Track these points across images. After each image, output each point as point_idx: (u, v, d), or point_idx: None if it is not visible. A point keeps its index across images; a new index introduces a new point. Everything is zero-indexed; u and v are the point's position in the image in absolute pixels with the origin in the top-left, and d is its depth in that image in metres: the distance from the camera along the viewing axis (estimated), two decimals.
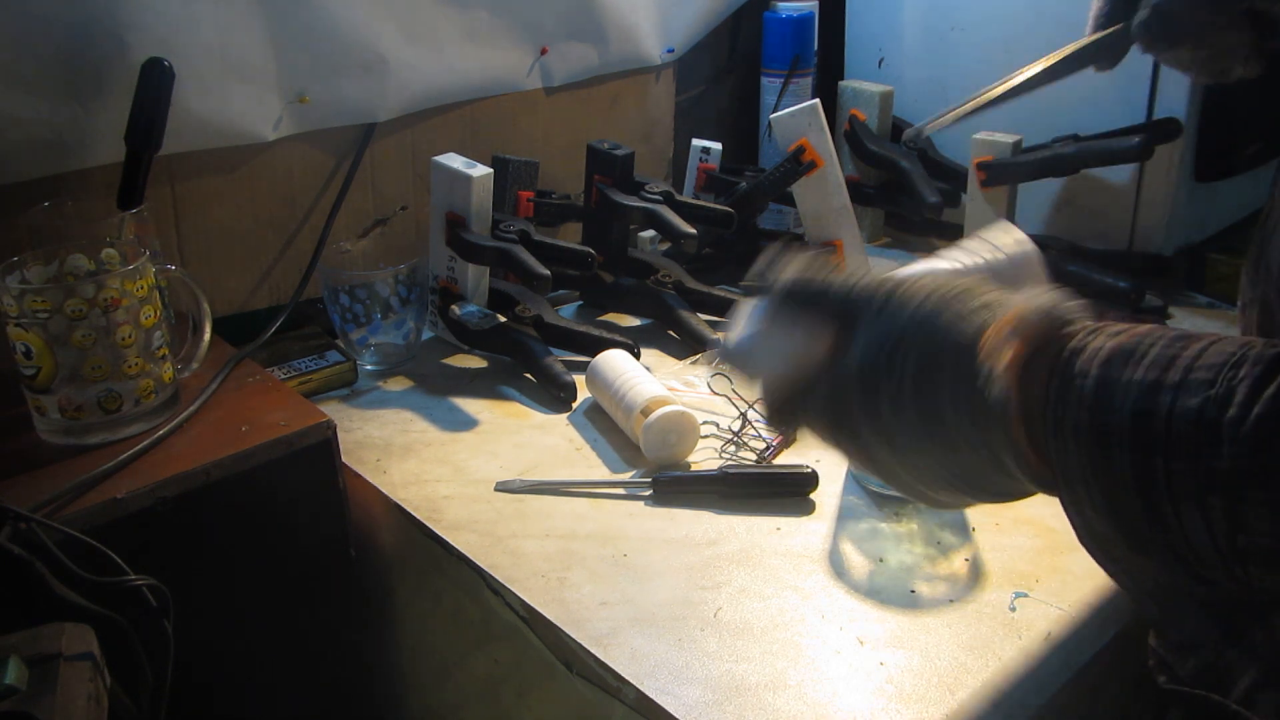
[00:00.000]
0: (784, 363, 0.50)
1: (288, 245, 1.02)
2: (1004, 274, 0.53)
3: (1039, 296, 0.41)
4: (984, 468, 0.43)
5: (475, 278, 1.00)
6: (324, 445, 0.77)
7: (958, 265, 0.54)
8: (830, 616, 0.65)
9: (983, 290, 0.43)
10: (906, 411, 0.43)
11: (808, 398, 0.48)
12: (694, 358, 1.00)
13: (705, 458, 0.84)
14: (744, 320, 0.53)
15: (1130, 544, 0.39)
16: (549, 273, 0.91)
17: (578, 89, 1.21)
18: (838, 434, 0.47)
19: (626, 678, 0.60)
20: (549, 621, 0.65)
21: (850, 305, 0.46)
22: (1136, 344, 0.37)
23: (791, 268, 0.50)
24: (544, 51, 1.15)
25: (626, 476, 0.81)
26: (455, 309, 0.99)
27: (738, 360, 0.52)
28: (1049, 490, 0.43)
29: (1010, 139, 1.06)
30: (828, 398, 0.46)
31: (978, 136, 1.08)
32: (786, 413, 0.50)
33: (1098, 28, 0.59)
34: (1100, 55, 0.59)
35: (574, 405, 0.92)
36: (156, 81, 0.80)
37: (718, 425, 0.87)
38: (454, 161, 0.96)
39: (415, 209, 1.10)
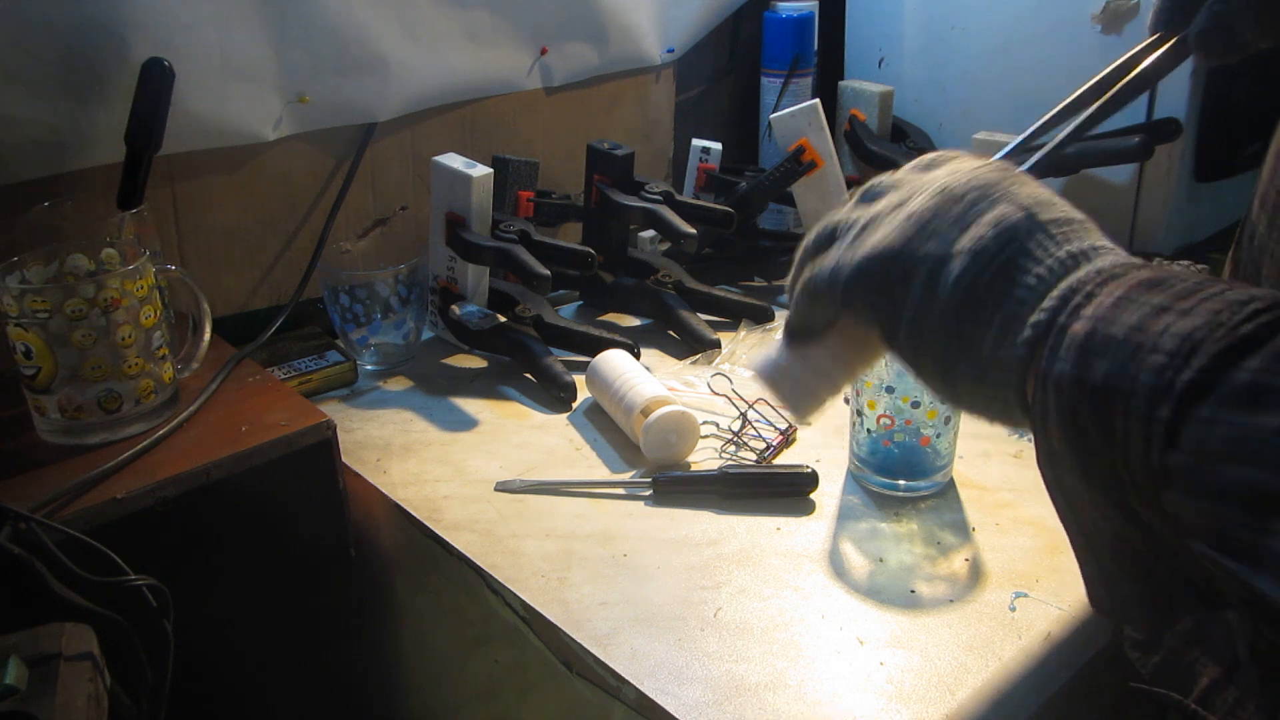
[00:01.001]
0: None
1: (288, 245, 1.02)
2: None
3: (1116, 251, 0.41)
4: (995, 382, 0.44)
5: (475, 278, 1.00)
6: (324, 445, 0.77)
7: None
8: (830, 616, 0.65)
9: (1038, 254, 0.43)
10: (939, 318, 0.43)
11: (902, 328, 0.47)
12: (694, 358, 1.00)
13: (705, 458, 0.84)
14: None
15: (1076, 460, 0.39)
16: (549, 273, 0.91)
17: (578, 89, 1.21)
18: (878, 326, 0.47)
19: (626, 678, 0.60)
20: (549, 621, 0.65)
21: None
22: (1168, 275, 0.38)
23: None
24: (544, 51, 1.15)
25: (626, 476, 0.81)
26: (455, 309, 0.99)
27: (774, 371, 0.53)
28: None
29: (1010, 139, 1.06)
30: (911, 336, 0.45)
31: (978, 137, 1.08)
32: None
33: (1154, 29, 0.58)
34: (1162, 67, 0.59)
35: (574, 405, 0.92)
36: (156, 81, 0.80)
37: (718, 425, 0.87)
38: (454, 161, 0.96)
39: (415, 209, 1.10)
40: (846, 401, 0.86)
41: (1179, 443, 0.34)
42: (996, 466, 0.81)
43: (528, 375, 0.97)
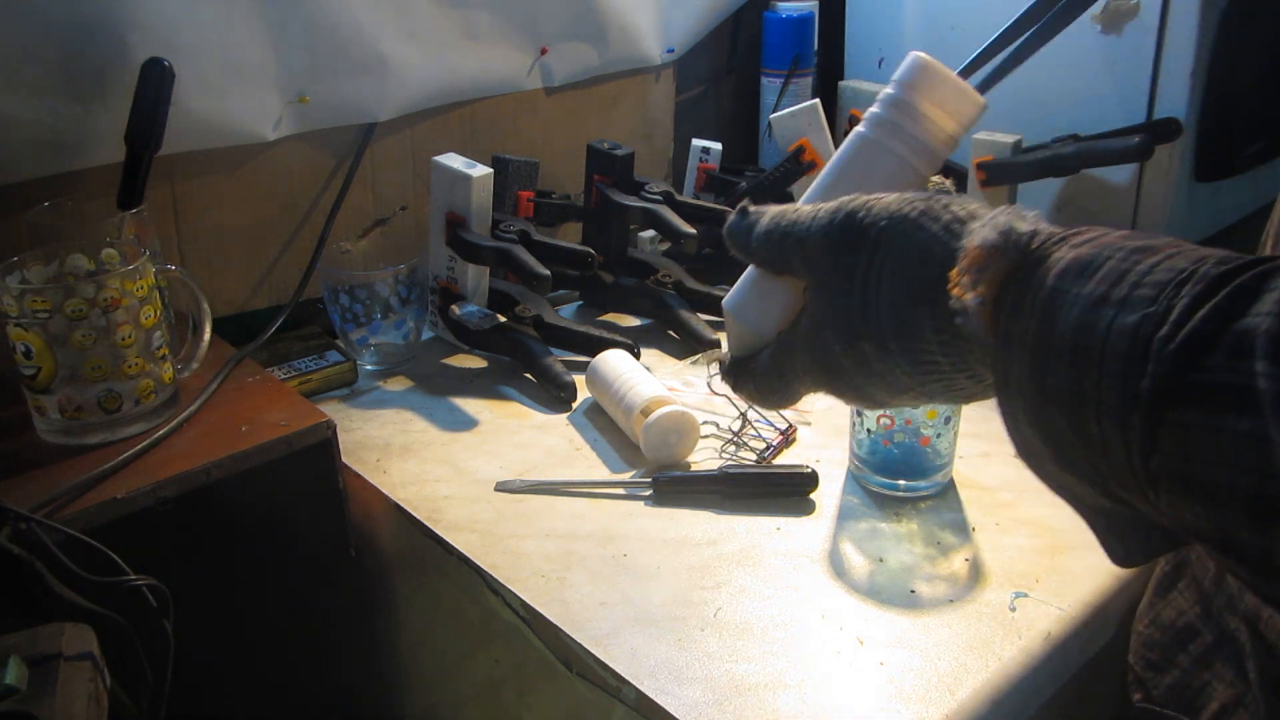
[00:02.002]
0: (780, 312, 0.49)
1: (288, 245, 1.02)
2: (901, 101, 0.51)
3: (995, 221, 0.39)
4: (982, 391, 0.43)
5: (475, 278, 1.00)
6: (324, 445, 0.77)
7: (873, 116, 0.52)
8: (830, 616, 0.65)
9: (939, 212, 0.41)
10: (896, 358, 0.42)
11: (791, 358, 0.47)
12: (694, 358, 1.00)
13: (705, 458, 0.84)
14: (741, 279, 0.51)
15: (1059, 460, 0.38)
16: (549, 273, 0.91)
17: (578, 89, 1.21)
18: (834, 385, 0.46)
19: (626, 678, 0.60)
20: (549, 621, 0.65)
21: (809, 250, 0.45)
22: (1095, 255, 0.36)
23: (766, 214, 0.48)
24: (544, 51, 1.15)
25: (626, 476, 0.81)
26: (455, 309, 0.99)
27: (731, 318, 0.50)
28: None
29: (1010, 139, 1.06)
30: (809, 353, 0.45)
31: (978, 136, 1.08)
32: (769, 375, 0.48)
33: None
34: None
35: (574, 405, 0.92)
36: (156, 81, 0.80)
37: (718, 425, 0.87)
38: (454, 161, 0.96)
39: (415, 209, 1.10)
40: None
41: (1160, 448, 0.33)
42: (996, 466, 0.81)
43: (528, 375, 0.97)
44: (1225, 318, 0.32)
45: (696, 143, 1.21)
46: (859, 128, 0.51)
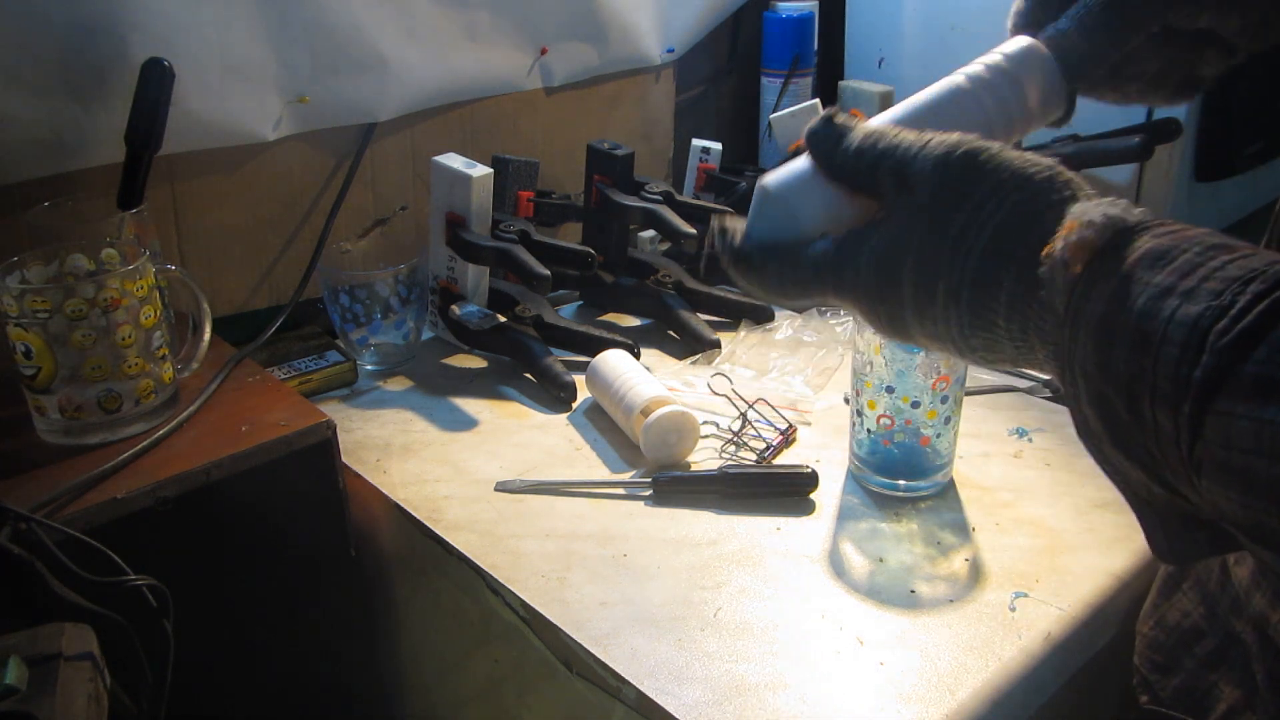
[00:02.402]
0: (826, 213, 0.47)
1: (288, 245, 1.02)
2: (1008, 74, 0.51)
3: (1104, 204, 0.40)
4: (1018, 358, 0.43)
5: (475, 278, 1.00)
6: (324, 445, 0.77)
7: (975, 75, 0.52)
8: (830, 616, 0.65)
9: (1060, 185, 0.41)
10: (960, 307, 0.42)
11: (843, 268, 0.45)
12: (694, 358, 1.00)
13: (705, 458, 0.84)
14: (789, 165, 0.49)
15: (1115, 442, 0.39)
16: (549, 273, 0.91)
17: (578, 89, 1.21)
18: (876, 308, 0.45)
19: (626, 678, 0.60)
20: (549, 621, 0.65)
21: (913, 175, 0.43)
22: (1172, 246, 0.37)
23: (858, 129, 0.46)
24: (544, 51, 1.15)
25: (626, 476, 0.81)
26: (455, 309, 0.99)
27: (775, 201, 0.48)
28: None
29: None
30: (876, 270, 0.44)
31: None
32: (801, 270, 0.47)
33: (1015, 28, 0.57)
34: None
35: (574, 405, 0.92)
36: (156, 81, 0.80)
37: (718, 425, 0.87)
38: (454, 161, 0.96)
39: (415, 209, 1.10)
40: (846, 401, 0.86)
41: (1204, 434, 0.34)
42: (996, 466, 0.81)
43: (528, 375, 0.97)
44: (1277, 313, 0.33)
45: (696, 143, 1.21)
46: (956, 77, 0.51)
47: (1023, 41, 0.52)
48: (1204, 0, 0.50)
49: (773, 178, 0.49)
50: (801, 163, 0.49)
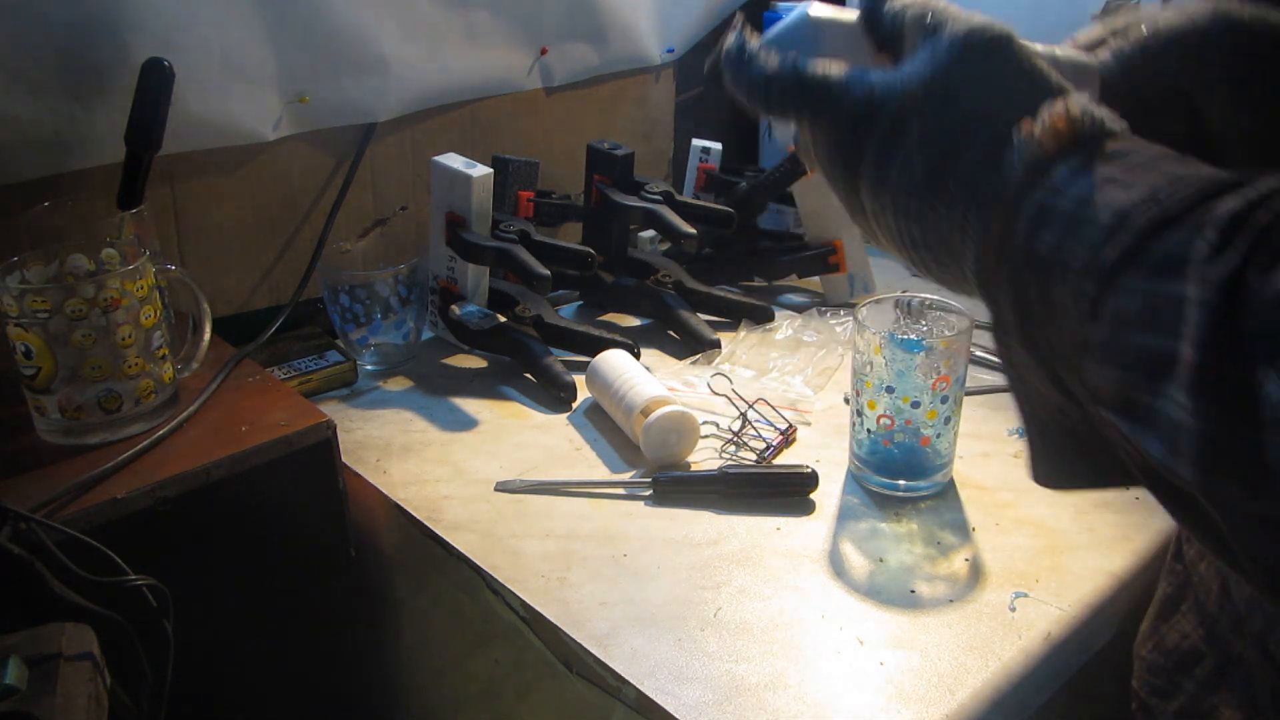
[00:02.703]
0: (848, 57, 0.46)
1: (288, 245, 1.02)
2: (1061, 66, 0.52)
3: (1093, 104, 0.40)
4: (942, 243, 0.43)
5: (475, 278, 1.00)
6: (324, 445, 0.77)
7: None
8: (830, 616, 0.65)
9: (1049, 79, 0.42)
10: (914, 168, 0.42)
11: (849, 83, 0.45)
12: (694, 358, 1.00)
13: (705, 458, 0.84)
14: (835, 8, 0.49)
15: (1022, 335, 0.39)
16: (549, 273, 0.91)
17: (578, 89, 1.21)
18: (845, 139, 0.45)
19: (626, 678, 0.60)
20: (549, 621, 0.65)
21: (942, 36, 0.43)
22: (1133, 150, 0.38)
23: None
24: (544, 51, 1.15)
25: (626, 476, 0.81)
26: (455, 309, 0.99)
27: (809, 24, 0.48)
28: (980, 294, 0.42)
29: None
30: (866, 100, 0.44)
31: None
32: (800, 98, 0.46)
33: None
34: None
35: (574, 405, 0.92)
36: (156, 81, 0.80)
37: (718, 425, 0.87)
38: (454, 161, 0.96)
39: (415, 209, 1.10)
40: (846, 401, 0.86)
41: (1100, 314, 0.34)
42: (996, 466, 0.81)
43: (528, 375, 0.97)
44: (1203, 199, 0.33)
45: (696, 143, 1.21)
46: None
47: (1082, 56, 0.52)
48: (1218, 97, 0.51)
49: (817, 7, 0.50)
50: (847, 13, 0.49)
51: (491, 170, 0.96)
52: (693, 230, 0.98)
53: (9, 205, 0.81)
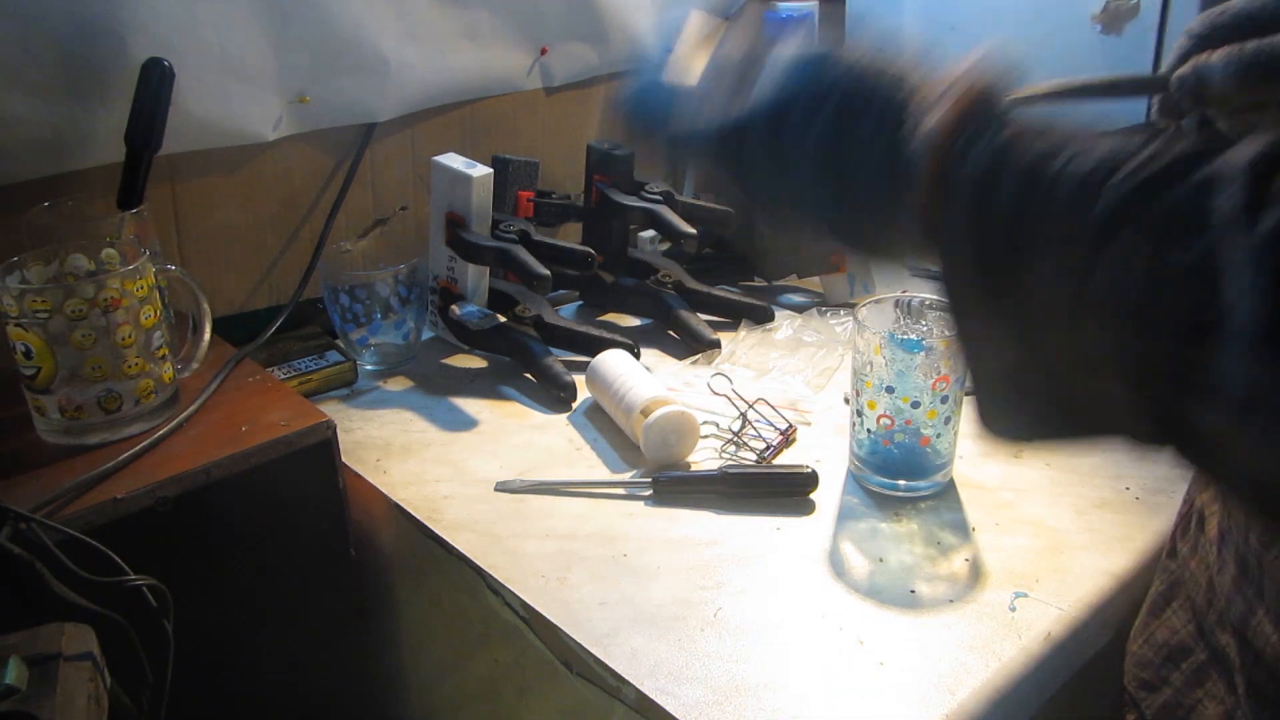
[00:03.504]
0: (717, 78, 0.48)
1: (288, 245, 1.02)
2: None
3: (979, 60, 0.40)
4: (871, 225, 0.43)
5: (475, 278, 1.00)
6: (324, 445, 0.77)
7: None
8: (830, 616, 0.65)
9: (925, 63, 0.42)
10: (805, 146, 0.42)
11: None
12: (694, 358, 1.00)
13: (705, 458, 0.84)
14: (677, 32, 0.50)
15: (988, 291, 0.38)
16: (549, 273, 0.91)
17: (578, 89, 1.21)
18: (722, 152, 0.45)
19: (626, 678, 0.60)
20: (549, 621, 0.65)
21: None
22: (1056, 123, 0.38)
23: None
24: (544, 51, 1.15)
25: (626, 476, 0.81)
26: (455, 309, 0.99)
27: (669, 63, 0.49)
28: (925, 255, 0.42)
29: None
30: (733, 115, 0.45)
31: None
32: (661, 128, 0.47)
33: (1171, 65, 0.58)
34: (1145, 89, 0.58)
35: (574, 405, 0.92)
36: (156, 81, 0.80)
37: (718, 425, 0.87)
38: (454, 161, 0.96)
39: (415, 209, 1.10)
40: (846, 401, 0.86)
41: (1097, 271, 0.34)
42: (996, 466, 0.81)
43: (528, 375, 0.97)
44: (1192, 161, 0.33)
45: None
46: None
47: None
48: None
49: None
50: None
51: (491, 170, 0.96)
52: (693, 230, 0.98)
53: (9, 205, 0.81)
